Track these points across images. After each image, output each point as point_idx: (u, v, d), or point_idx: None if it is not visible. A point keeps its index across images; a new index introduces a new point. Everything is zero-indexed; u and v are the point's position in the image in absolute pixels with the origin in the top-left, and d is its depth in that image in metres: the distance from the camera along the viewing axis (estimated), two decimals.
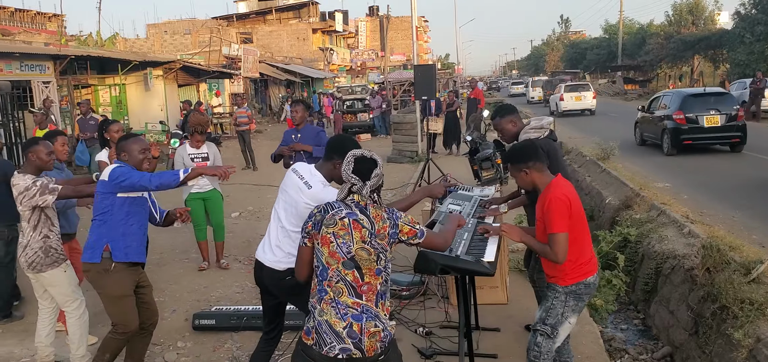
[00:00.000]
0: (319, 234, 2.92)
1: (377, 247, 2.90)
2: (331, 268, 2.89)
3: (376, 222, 2.92)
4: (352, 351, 2.80)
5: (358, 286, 2.88)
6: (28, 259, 4.72)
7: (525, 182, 3.88)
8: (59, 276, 4.78)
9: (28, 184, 4.59)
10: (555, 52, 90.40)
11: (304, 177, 3.68)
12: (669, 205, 8.99)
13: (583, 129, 22.88)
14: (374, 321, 2.86)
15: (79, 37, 33.98)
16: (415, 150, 16.78)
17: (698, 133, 15.29)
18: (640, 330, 7.48)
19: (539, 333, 3.79)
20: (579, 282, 3.74)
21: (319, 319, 2.86)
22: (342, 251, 2.88)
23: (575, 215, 3.68)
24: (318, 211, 2.98)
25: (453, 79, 48.15)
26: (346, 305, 2.86)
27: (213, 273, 7.40)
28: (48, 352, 5.04)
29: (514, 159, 3.91)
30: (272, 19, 54.49)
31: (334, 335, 2.81)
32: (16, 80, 14.53)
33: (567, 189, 3.73)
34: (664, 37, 47.57)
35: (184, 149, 7.24)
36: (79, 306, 4.86)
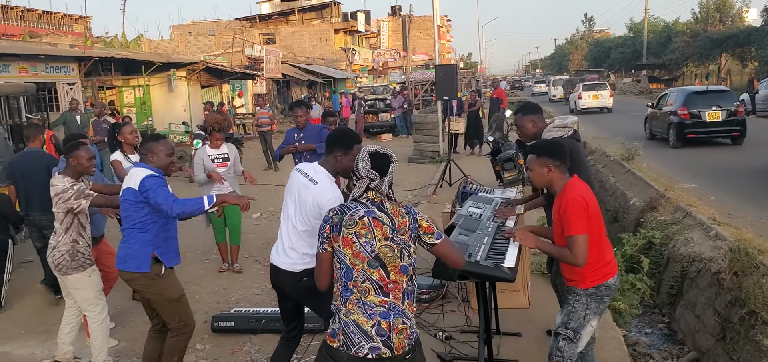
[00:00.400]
0: (340, 237, 2.89)
1: (400, 243, 2.88)
2: (356, 268, 2.86)
3: (395, 217, 2.91)
4: (382, 350, 2.77)
5: (384, 285, 2.86)
6: (55, 260, 4.76)
7: (544, 178, 3.77)
8: (83, 281, 4.81)
9: (66, 187, 4.63)
10: (579, 50, 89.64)
11: (309, 174, 3.69)
12: (695, 207, 8.82)
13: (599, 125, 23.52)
14: (402, 318, 2.84)
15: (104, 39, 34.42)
16: (436, 150, 16.70)
17: (701, 128, 16.51)
18: (665, 334, 7.35)
19: (561, 338, 3.72)
20: (600, 285, 3.67)
21: (346, 320, 2.83)
22: (366, 250, 2.86)
23: (593, 216, 3.60)
24: (334, 214, 2.95)
25: (475, 78, 47.94)
26: (373, 304, 2.84)
27: (233, 274, 7.41)
28: (67, 350, 5.09)
29: (542, 152, 3.79)
30: (295, 20, 54.70)
31: (363, 334, 2.78)
32: (41, 82, 14.73)
33: (583, 190, 3.66)
34: (690, 35, 46.90)
35: (204, 150, 7.24)
36: (101, 312, 4.89)
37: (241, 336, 5.58)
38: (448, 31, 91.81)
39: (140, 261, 4.15)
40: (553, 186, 3.75)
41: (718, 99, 16.91)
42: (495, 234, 4.12)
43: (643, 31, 56.58)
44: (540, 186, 3.92)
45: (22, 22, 45.78)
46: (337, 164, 3.67)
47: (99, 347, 4.86)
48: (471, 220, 4.38)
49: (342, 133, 3.83)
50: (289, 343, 4.08)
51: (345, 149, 3.65)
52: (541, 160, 3.75)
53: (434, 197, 11.62)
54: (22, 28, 40.48)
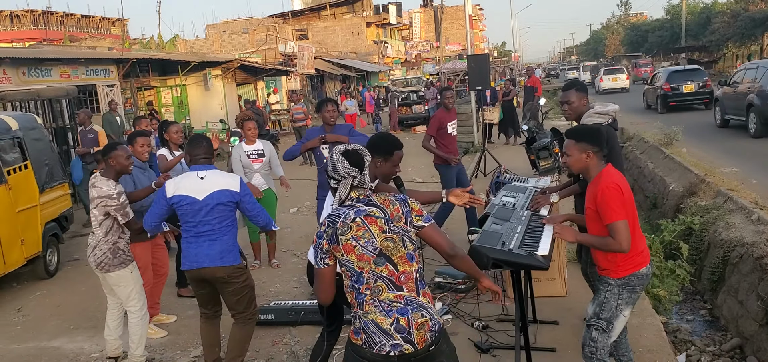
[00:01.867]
0: (340, 246, 2.86)
1: (398, 231, 2.86)
2: (365, 271, 2.84)
3: (386, 207, 2.89)
4: (404, 347, 2.76)
5: (395, 278, 2.84)
6: (96, 259, 4.90)
7: (581, 163, 3.73)
8: (125, 277, 4.95)
9: (111, 193, 4.75)
10: (615, 35, 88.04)
11: None
12: (736, 191, 8.66)
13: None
14: (420, 311, 2.81)
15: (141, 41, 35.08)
16: (471, 141, 16.64)
17: (679, 97, 22.04)
18: (707, 321, 7.24)
19: (594, 328, 3.69)
20: (632, 274, 3.63)
21: (365, 319, 2.82)
22: (368, 250, 2.83)
23: (627, 204, 3.58)
24: (327, 226, 2.90)
25: (509, 66, 47.51)
26: (388, 301, 2.82)
27: (271, 268, 7.52)
28: (116, 345, 5.23)
29: (582, 137, 3.75)
30: (327, 15, 54.91)
31: (383, 333, 2.78)
32: (82, 85, 15.09)
33: (618, 177, 3.64)
34: (731, 15, 45.61)
35: (240, 147, 7.24)
36: (142, 307, 5.03)
37: (280, 328, 5.69)
38: (481, 21, 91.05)
39: (234, 255, 4.45)
40: (589, 173, 3.72)
41: (692, 75, 22.46)
42: (529, 223, 4.12)
43: (682, 13, 55.30)
44: (576, 171, 3.88)
45: (62, 26, 46.97)
46: (377, 170, 3.64)
47: (137, 341, 5.01)
48: (504, 209, 4.39)
49: (382, 139, 3.81)
50: (329, 337, 4.14)
51: (385, 155, 3.67)
52: (580, 145, 3.71)
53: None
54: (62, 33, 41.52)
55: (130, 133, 6.14)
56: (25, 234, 7.42)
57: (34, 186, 7.81)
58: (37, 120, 8.92)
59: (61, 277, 8.07)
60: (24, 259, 7.41)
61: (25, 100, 12.52)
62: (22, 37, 41.00)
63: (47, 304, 7.10)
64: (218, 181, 4.37)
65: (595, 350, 3.69)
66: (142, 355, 5.06)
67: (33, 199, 7.74)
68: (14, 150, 7.68)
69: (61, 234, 8.61)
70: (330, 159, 2.97)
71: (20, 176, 7.56)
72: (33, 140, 8.12)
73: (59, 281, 7.94)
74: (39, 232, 7.75)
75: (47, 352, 5.79)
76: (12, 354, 5.84)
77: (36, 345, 5.96)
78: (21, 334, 6.27)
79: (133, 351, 5.01)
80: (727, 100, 16.54)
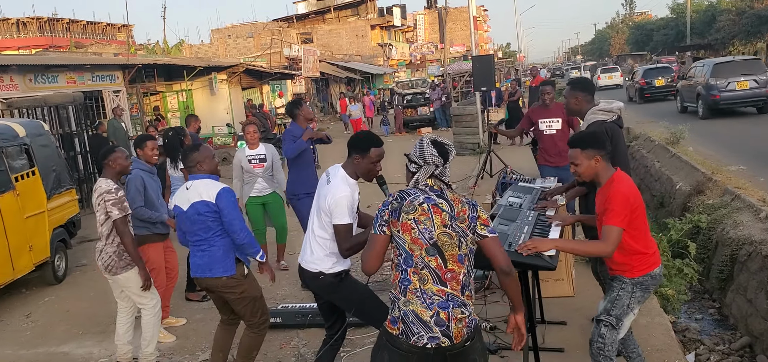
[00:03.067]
0: (399, 222, 2.91)
1: (458, 231, 2.89)
2: (415, 255, 2.88)
3: (455, 205, 2.93)
4: (441, 340, 2.80)
5: (442, 273, 2.87)
6: (103, 263, 4.93)
7: (591, 170, 3.71)
8: (133, 278, 4.97)
9: (110, 188, 4.80)
10: (620, 34, 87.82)
11: (329, 173, 3.83)
12: (744, 189, 8.62)
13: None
14: (461, 308, 2.86)
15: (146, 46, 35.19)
16: (476, 142, 16.63)
17: (653, 90, 26.87)
18: (716, 320, 7.21)
19: (603, 324, 3.70)
20: (647, 274, 3.66)
21: (405, 309, 2.85)
22: (424, 237, 2.87)
23: (637, 208, 3.59)
24: (394, 199, 2.97)
25: (514, 67, 47.44)
26: (431, 293, 2.85)
27: (278, 272, 7.52)
28: (126, 350, 5.25)
29: (586, 144, 3.74)
30: (331, 18, 54.97)
31: (422, 324, 2.81)
32: (88, 91, 15.15)
33: (629, 184, 3.64)
34: (736, 13, 45.41)
35: (242, 152, 7.22)
36: (155, 305, 5.06)
37: (288, 330, 5.70)
38: (485, 22, 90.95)
39: (227, 266, 4.31)
40: (600, 178, 3.71)
41: (663, 72, 27.74)
42: (535, 223, 4.12)
43: (686, 11, 55.12)
44: (587, 179, 3.82)
45: (68, 33, 47.19)
46: (356, 167, 3.79)
47: (149, 339, 5.04)
48: (511, 210, 4.39)
49: (360, 137, 3.92)
50: (332, 344, 4.16)
51: (362, 153, 3.76)
52: (586, 152, 3.69)
53: (475, 188, 11.58)
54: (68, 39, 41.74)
55: (138, 137, 6.15)
56: (33, 241, 7.46)
57: (42, 192, 7.85)
58: (44, 126, 8.97)
59: (69, 283, 8.11)
60: (32, 265, 7.45)
61: (31, 106, 12.58)
62: (28, 44, 41.24)
63: (56, 310, 7.13)
64: (199, 191, 4.25)
65: (603, 346, 3.70)
66: (153, 353, 5.08)
67: (41, 205, 7.78)
68: (22, 156, 7.72)
69: (68, 240, 8.65)
70: (418, 143, 3.06)
71: (28, 182, 7.61)
72: (40, 146, 8.17)
73: (67, 286, 7.97)
74: (47, 238, 7.79)
75: (56, 358, 5.81)
76: (21, 359, 5.88)
77: (45, 350, 5.99)
78: (30, 340, 6.30)
79: (145, 349, 5.04)
80: (685, 91, 20.95)
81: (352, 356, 5.12)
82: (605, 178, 3.68)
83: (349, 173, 3.79)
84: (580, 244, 3.83)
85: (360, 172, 3.80)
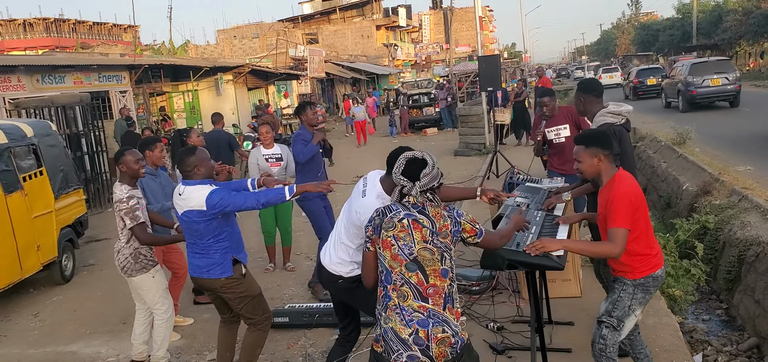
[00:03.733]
0: (380, 239, 2.90)
1: (440, 246, 2.86)
2: (395, 272, 2.87)
3: (437, 220, 2.89)
4: (421, 359, 2.76)
5: (423, 289, 2.84)
6: (120, 264, 4.96)
7: (594, 168, 3.72)
8: (148, 281, 4.99)
9: (122, 197, 4.80)
10: (626, 35, 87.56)
11: (367, 184, 3.65)
12: (751, 190, 8.59)
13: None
14: (442, 326, 2.80)
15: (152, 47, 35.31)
16: (482, 142, 16.62)
17: (645, 89, 29.60)
18: (723, 320, 7.18)
19: (605, 326, 3.70)
20: (648, 276, 3.65)
21: (385, 327, 2.84)
22: (404, 253, 2.85)
23: (640, 208, 3.59)
24: (377, 215, 2.97)
25: (520, 67, 47.38)
26: (411, 309, 2.83)
27: (285, 272, 7.55)
28: (142, 349, 5.27)
29: (591, 141, 3.74)
30: (336, 18, 55.01)
31: (401, 342, 2.79)
32: (95, 91, 15.20)
33: (631, 184, 3.63)
34: (743, 13, 45.22)
35: (258, 151, 7.18)
36: (167, 310, 5.07)
37: (295, 330, 5.71)
38: (491, 22, 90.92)
39: (224, 268, 4.29)
40: (602, 177, 3.71)
41: (654, 72, 30.81)
42: (543, 223, 4.11)
43: (693, 11, 54.94)
44: (589, 177, 3.84)
45: (74, 34, 47.32)
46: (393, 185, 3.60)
47: (160, 343, 5.05)
48: (518, 210, 4.38)
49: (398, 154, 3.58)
50: (345, 341, 4.16)
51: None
52: (590, 149, 3.70)
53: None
54: (74, 40, 41.87)
55: (145, 139, 6.15)
56: (40, 240, 7.49)
57: (50, 192, 7.88)
58: (51, 126, 9.00)
59: (76, 282, 8.14)
60: (40, 265, 7.48)
61: (39, 106, 12.63)
62: (35, 45, 41.41)
63: (63, 309, 7.16)
64: (190, 199, 4.16)
65: (604, 347, 3.69)
66: (163, 357, 5.10)
67: (48, 205, 7.81)
68: (30, 156, 7.75)
69: (76, 240, 8.68)
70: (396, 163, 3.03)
71: (36, 182, 7.64)
72: (48, 146, 8.20)
73: (75, 286, 8.00)
74: (54, 238, 7.82)
75: (64, 357, 5.84)
76: (29, 358, 5.90)
77: (53, 349, 6.02)
78: (38, 339, 6.33)
79: (156, 352, 5.06)
80: (668, 88, 23.60)
81: (359, 356, 5.12)
82: (607, 177, 3.68)
83: (386, 189, 3.56)
84: (588, 245, 3.83)
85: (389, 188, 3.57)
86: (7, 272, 6.92)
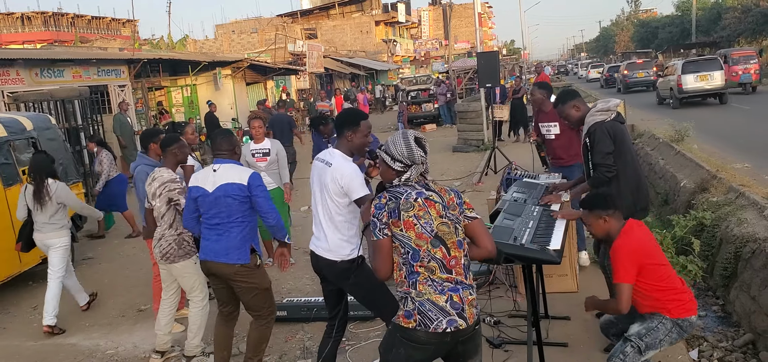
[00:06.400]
0: (400, 221, 2.95)
1: (453, 219, 2.98)
2: (422, 250, 2.93)
3: (443, 194, 3.02)
4: (458, 322, 2.87)
5: (446, 262, 2.94)
6: (162, 250, 4.95)
7: (602, 229, 3.81)
8: (190, 267, 5.01)
9: (174, 177, 4.88)
10: (625, 32, 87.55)
11: (325, 159, 3.85)
12: (748, 187, 8.61)
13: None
14: (469, 290, 2.95)
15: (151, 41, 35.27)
16: (480, 138, 16.64)
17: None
18: (719, 316, 7.22)
19: (631, 344, 3.70)
20: (686, 319, 3.71)
21: (420, 300, 2.89)
22: (427, 230, 2.94)
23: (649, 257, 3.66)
24: (389, 200, 3.00)
25: (519, 64, 47.39)
26: (441, 281, 2.92)
27: None
28: (165, 341, 5.30)
29: (592, 206, 3.85)
30: (335, 14, 54.93)
31: (439, 310, 2.87)
32: (94, 85, 15.20)
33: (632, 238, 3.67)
34: (742, 11, 45.29)
35: (247, 147, 7.19)
36: (204, 298, 5.09)
37: (293, 324, 5.74)
38: (490, 18, 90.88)
39: (241, 253, 4.33)
40: (612, 234, 3.78)
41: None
42: (540, 218, 4.14)
43: (692, 8, 54.97)
44: (601, 238, 3.96)
45: (73, 27, 47.30)
46: (350, 145, 3.83)
47: (195, 331, 5.07)
48: (516, 205, 4.41)
49: (347, 114, 4.00)
50: (334, 332, 4.19)
51: (353, 127, 3.80)
52: (593, 213, 3.82)
53: (479, 185, 11.61)
54: (73, 34, 41.81)
55: (144, 132, 6.17)
56: None
57: None
58: (51, 120, 9.01)
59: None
60: (39, 258, 7.49)
61: (37, 100, 12.63)
62: (33, 39, 41.38)
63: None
64: (228, 174, 4.29)
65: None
66: (198, 345, 5.12)
67: None
68: (29, 150, 7.76)
69: (75, 234, 8.69)
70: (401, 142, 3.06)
71: None
72: (47, 140, 8.21)
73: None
74: None
75: (64, 349, 5.86)
76: (29, 350, 5.93)
77: (52, 341, 6.04)
78: (37, 331, 6.35)
79: (191, 341, 5.08)
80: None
81: (356, 350, 5.15)
82: (617, 232, 3.74)
83: (344, 152, 3.83)
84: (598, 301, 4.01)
85: (355, 148, 3.85)
86: (7, 265, 6.95)
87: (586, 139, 4.75)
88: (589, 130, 4.69)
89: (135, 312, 6.58)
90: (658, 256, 3.71)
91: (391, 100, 29.60)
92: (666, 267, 3.75)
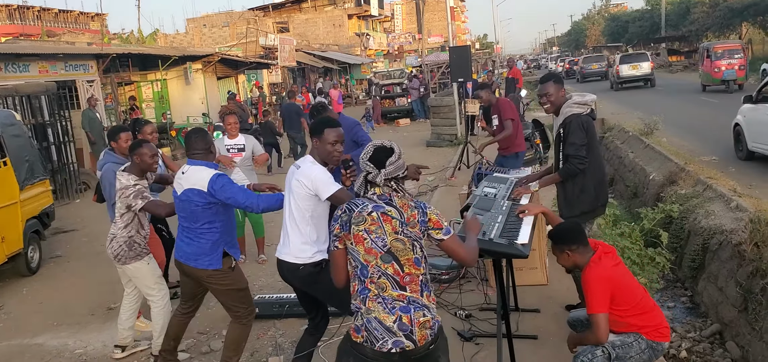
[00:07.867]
0: (351, 234, 2.90)
1: (411, 236, 2.87)
2: (371, 265, 2.88)
3: (404, 211, 2.89)
4: (405, 344, 2.79)
5: (400, 278, 2.86)
6: (113, 251, 4.89)
7: (568, 262, 3.84)
8: (142, 268, 4.95)
9: (129, 184, 4.77)
10: (596, 26, 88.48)
11: (297, 163, 3.86)
12: (715, 180, 8.78)
13: None
14: (422, 310, 2.85)
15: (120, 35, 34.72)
16: (454, 133, 16.69)
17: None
18: (687, 307, 7.35)
19: (602, 351, 3.70)
20: (660, 342, 3.73)
21: (368, 317, 2.85)
22: (377, 246, 2.86)
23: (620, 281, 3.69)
24: (343, 212, 2.95)
25: (491, 58, 47.62)
26: (392, 299, 2.85)
27: (255, 264, 7.51)
28: (126, 335, 5.26)
29: (558, 240, 3.87)
30: (307, 7, 54.56)
31: (385, 330, 2.81)
32: (61, 80, 14.89)
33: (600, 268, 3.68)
34: (710, 5, 46.04)
35: (221, 142, 7.12)
36: (163, 297, 5.03)
37: (265, 321, 5.70)
38: (463, 13, 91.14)
39: (213, 259, 4.23)
40: (579, 265, 3.81)
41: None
42: (509, 213, 4.16)
43: (661, 3, 55.75)
44: (569, 269, 4.01)
45: (39, 21, 46.34)
46: (319, 150, 3.78)
47: (160, 330, 4.98)
48: (486, 200, 4.43)
49: (316, 122, 3.92)
50: (314, 331, 4.17)
51: (316, 135, 3.77)
52: (558, 247, 3.86)
53: (453, 180, 11.65)
54: (39, 28, 41.00)
55: (112, 128, 6.05)
56: (5, 232, 7.35)
57: (14, 183, 7.73)
58: (15, 116, 8.83)
59: (43, 274, 8.01)
60: (5, 257, 7.35)
61: (2, 96, 12.34)
62: None
63: (29, 301, 7.05)
64: (193, 179, 4.16)
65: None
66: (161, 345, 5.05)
67: (13, 196, 7.66)
68: None
69: (42, 231, 8.54)
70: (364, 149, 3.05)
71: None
72: (12, 136, 8.04)
73: (41, 278, 7.88)
74: (20, 229, 7.68)
75: (30, 349, 5.75)
76: None
77: (18, 342, 5.93)
78: (3, 332, 6.22)
79: (156, 340, 5.01)
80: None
81: (329, 345, 5.12)
82: (584, 263, 3.76)
83: (316, 158, 3.78)
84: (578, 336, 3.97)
85: (319, 157, 3.77)
86: None
87: (560, 129, 4.80)
88: (565, 121, 4.75)
89: (104, 311, 6.48)
90: (625, 280, 3.75)
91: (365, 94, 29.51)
92: (639, 289, 3.79)
